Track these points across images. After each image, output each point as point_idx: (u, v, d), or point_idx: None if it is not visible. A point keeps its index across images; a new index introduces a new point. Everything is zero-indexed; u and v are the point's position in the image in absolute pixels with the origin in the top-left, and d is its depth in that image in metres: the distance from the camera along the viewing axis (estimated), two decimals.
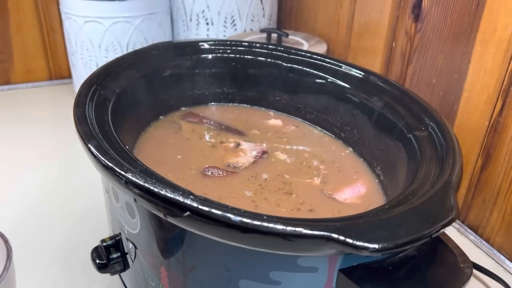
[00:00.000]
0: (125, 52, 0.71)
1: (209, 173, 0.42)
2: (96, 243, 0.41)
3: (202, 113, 0.52)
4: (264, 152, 0.46)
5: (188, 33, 0.82)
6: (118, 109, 0.40)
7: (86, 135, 0.33)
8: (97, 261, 0.40)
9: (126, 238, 0.38)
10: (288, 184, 0.42)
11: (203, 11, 0.79)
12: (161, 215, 0.29)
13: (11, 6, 0.83)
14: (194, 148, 0.46)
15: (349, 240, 0.26)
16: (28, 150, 0.69)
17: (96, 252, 0.40)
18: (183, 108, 0.52)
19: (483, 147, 0.54)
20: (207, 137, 0.48)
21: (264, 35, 0.78)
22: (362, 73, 0.48)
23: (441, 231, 0.29)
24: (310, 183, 0.43)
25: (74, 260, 0.49)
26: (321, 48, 0.76)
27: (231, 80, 0.54)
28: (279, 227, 0.26)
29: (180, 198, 0.28)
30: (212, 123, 0.51)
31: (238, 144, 0.47)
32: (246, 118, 0.53)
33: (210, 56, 0.52)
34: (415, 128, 0.41)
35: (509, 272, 0.52)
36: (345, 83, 0.48)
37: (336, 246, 0.26)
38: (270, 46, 0.53)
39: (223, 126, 0.50)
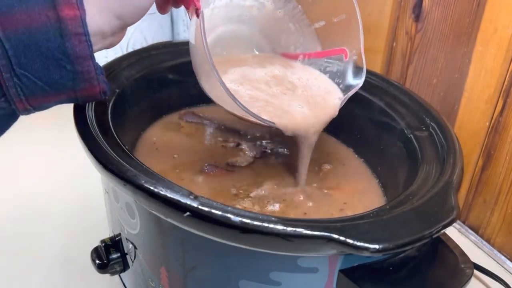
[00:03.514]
0: (125, 52, 0.71)
1: (208, 171, 0.42)
2: (96, 243, 0.41)
3: (202, 113, 0.52)
4: (263, 152, 0.46)
5: (188, 33, 0.82)
6: (118, 109, 0.40)
7: (86, 136, 0.33)
8: (97, 261, 0.40)
9: (126, 238, 0.38)
10: (286, 185, 0.42)
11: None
12: (161, 216, 0.29)
13: None
14: (194, 148, 0.46)
15: (350, 241, 0.26)
16: (28, 151, 0.69)
17: (96, 253, 0.40)
18: (183, 108, 0.52)
19: (483, 147, 0.54)
20: (207, 137, 0.48)
21: None
22: None
23: (442, 231, 0.29)
24: (309, 184, 0.43)
25: (74, 260, 0.49)
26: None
27: None
28: (279, 227, 0.26)
29: (180, 199, 0.27)
30: (212, 123, 0.51)
31: (238, 144, 0.47)
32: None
33: None
34: (415, 128, 0.41)
35: (510, 273, 0.52)
36: None
37: (337, 247, 0.26)
38: None
39: (223, 126, 0.50)
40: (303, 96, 0.41)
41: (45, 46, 0.28)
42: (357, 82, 0.40)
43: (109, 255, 0.40)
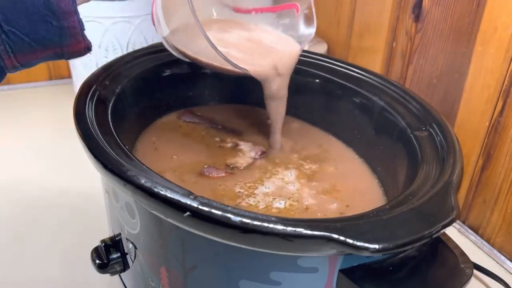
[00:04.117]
0: (125, 52, 0.71)
1: (208, 174, 0.42)
2: (96, 243, 0.41)
3: (200, 113, 0.52)
4: (263, 152, 0.46)
5: None
6: (118, 109, 0.40)
7: (86, 135, 0.33)
8: (97, 261, 0.40)
9: (126, 238, 0.38)
10: (288, 183, 0.42)
11: None
12: (161, 216, 0.29)
13: None
14: (193, 148, 0.46)
15: (350, 241, 0.26)
16: (28, 150, 0.69)
17: (96, 252, 0.40)
18: (182, 108, 0.52)
19: (483, 147, 0.54)
20: (205, 137, 0.48)
21: None
22: (362, 73, 0.48)
23: (442, 231, 0.29)
24: (311, 183, 0.43)
25: (74, 260, 0.49)
26: (322, 48, 0.76)
27: (231, 80, 0.53)
28: (279, 227, 0.26)
29: (180, 199, 0.27)
30: (210, 123, 0.51)
31: (237, 145, 0.47)
32: (245, 118, 0.52)
33: None
34: (415, 128, 0.41)
35: (510, 273, 0.52)
36: (345, 83, 0.48)
37: (337, 247, 0.26)
38: None
39: (220, 127, 0.50)
40: (272, 51, 0.45)
41: (31, 2, 0.28)
42: (310, 32, 0.45)
43: (109, 255, 0.40)
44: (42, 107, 0.82)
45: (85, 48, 0.32)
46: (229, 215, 0.27)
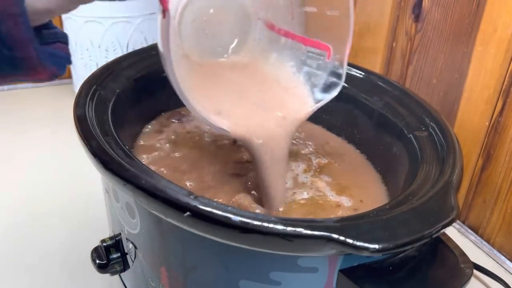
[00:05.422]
0: (125, 52, 0.71)
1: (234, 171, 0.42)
2: (96, 243, 0.41)
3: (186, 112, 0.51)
4: None
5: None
6: (118, 109, 0.40)
7: (86, 135, 0.33)
8: (97, 261, 0.40)
9: (126, 238, 0.38)
10: (299, 175, 0.42)
11: None
12: (161, 216, 0.29)
13: None
14: (197, 147, 0.46)
15: (350, 241, 0.26)
16: (28, 151, 0.69)
17: (96, 252, 0.40)
18: (182, 108, 0.52)
19: (483, 147, 0.54)
20: (205, 135, 0.48)
21: None
22: (362, 73, 0.48)
23: (442, 231, 0.29)
24: (312, 182, 0.43)
25: (74, 260, 0.49)
26: None
27: None
28: (279, 227, 0.26)
29: (180, 198, 0.27)
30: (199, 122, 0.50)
31: (235, 141, 0.47)
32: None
33: None
34: (415, 128, 0.41)
35: (510, 273, 0.52)
36: (345, 83, 0.48)
37: (337, 247, 0.26)
38: None
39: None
40: (270, 115, 0.39)
41: None
42: (330, 95, 0.39)
43: (109, 255, 0.40)
44: (42, 107, 0.82)
45: (51, 76, 0.28)
46: (229, 215, 0.27)
